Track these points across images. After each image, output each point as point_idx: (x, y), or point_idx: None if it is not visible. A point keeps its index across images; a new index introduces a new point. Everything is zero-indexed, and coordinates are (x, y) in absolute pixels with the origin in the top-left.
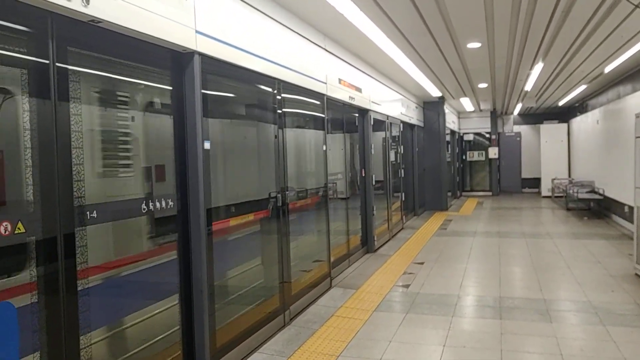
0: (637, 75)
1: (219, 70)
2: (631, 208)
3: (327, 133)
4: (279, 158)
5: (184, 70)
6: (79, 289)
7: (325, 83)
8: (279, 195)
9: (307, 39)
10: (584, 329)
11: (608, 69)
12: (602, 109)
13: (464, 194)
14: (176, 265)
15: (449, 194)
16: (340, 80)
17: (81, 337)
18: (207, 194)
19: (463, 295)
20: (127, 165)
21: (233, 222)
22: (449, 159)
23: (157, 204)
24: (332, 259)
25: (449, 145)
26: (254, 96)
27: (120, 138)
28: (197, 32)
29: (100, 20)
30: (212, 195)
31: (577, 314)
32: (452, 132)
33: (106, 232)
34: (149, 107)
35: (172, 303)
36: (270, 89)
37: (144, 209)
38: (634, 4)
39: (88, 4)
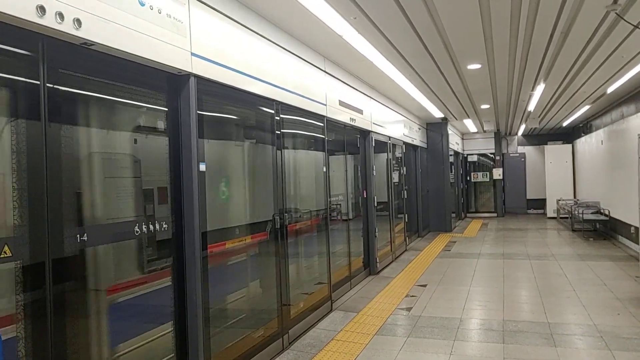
0: (639, 95)
1: (216, 91)
2: (637, 229)
3: (329, 155)
4: (278, 180)
5: (180, 92)
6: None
7: (325, 105)
8: (278, 217)
9: (307, 61)
10: (589, 354)
11: (610, 89)
12: (607, 130)
13: (468, 215)
14: (170, 290)
15: (453, 215)
16: (340, 102)
17: None
18: (203, 216)
19: (466, 319)
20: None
21: (229, 245)
22: (452, 180)
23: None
24: (333, 282)
25: (453, 167)
26: (251, 117)
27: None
28: (192, 54)
29: (92, 43)
30: (208, 218)
31: (582, 338)
32: (456, 153)
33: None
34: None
35: (166, 329)
36: (268, 111)
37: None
38: (633, 25)
39: (80, 27)
